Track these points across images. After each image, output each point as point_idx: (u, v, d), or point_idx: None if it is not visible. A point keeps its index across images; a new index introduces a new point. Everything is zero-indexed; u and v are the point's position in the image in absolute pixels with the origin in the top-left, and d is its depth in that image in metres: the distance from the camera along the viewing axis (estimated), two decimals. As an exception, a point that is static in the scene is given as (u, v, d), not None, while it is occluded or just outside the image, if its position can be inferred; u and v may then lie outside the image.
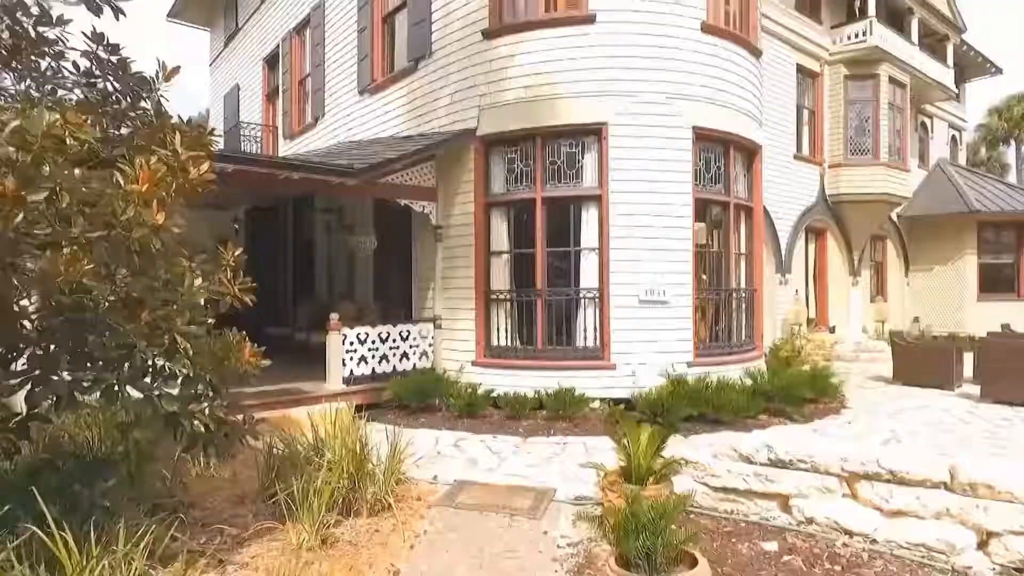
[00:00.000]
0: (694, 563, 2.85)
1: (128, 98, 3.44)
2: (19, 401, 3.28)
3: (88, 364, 2.97)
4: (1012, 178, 36.61)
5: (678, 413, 6.61)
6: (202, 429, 3.21)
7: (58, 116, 2.38)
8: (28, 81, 3.51)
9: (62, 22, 3.62)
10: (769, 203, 12.76)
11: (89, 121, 2.52)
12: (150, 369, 3.03)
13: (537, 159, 7.83)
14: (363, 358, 8.10)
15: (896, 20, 15.97)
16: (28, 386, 3.02)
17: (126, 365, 2.94)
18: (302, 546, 3.57)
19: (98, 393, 2.87)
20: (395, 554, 3.73)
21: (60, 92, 3.68)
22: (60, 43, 3.59)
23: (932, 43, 17.73)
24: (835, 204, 14.89)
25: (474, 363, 8.11)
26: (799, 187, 14.00)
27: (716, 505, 4.38)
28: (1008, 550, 3.46)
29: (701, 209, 8.24)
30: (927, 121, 19.32)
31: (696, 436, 6.30)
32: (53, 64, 3.57)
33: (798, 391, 7.39)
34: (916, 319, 17.74)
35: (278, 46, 14.48)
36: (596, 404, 7.33)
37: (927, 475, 3.74)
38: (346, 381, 7.88)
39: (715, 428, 6.59)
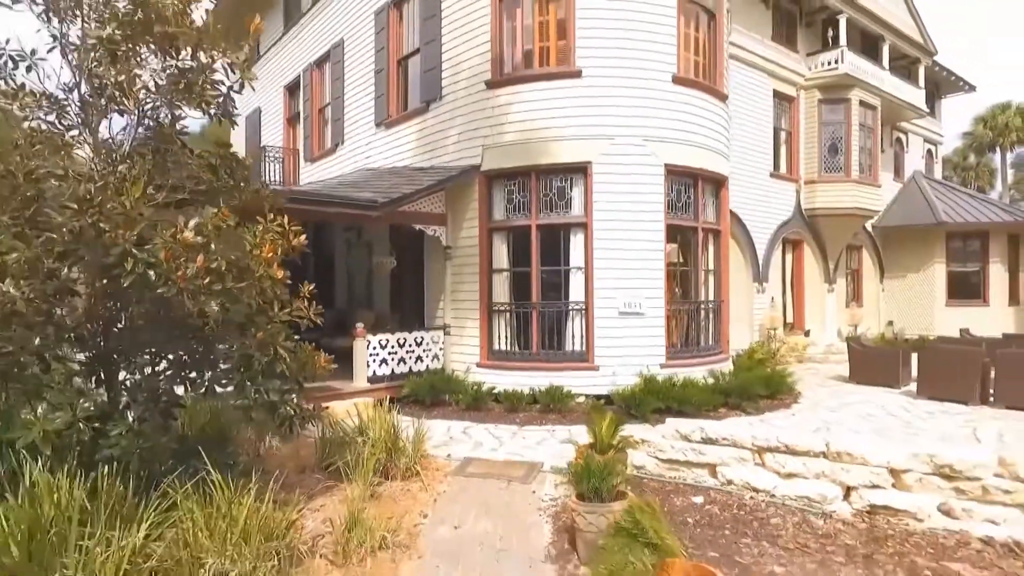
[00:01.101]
0: (625, 498, 4.25)
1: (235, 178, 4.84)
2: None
3: (218, 367, 4.38)
4: (998, 183, 37.89)
5: (648, 406, 7.97)
6: (291, 413, 4.61)
7: (217, 210, 3.78)
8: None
9: (180, 119, 5.05)
10: (747, 218, 14.16)
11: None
12: (260, 371, 4.43)
13: (532, 191, 9.22)
14: (384, 360, 9.49)
15: (869, 45, 17.26)
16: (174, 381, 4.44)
17: (244, 369, 4.35)
18: (357, 498, 4.95)
19: (231, 387, 4.28)
20: (424, 505, 5.14)
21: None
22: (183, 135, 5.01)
23: (906, 65, 19.03)
24: (811, 217, 16.21)
25: (478, 365, 9.50)
26: (776, 202, 15.31)
27: (664, 473, 5.77)
28: (862, 499, 4.84)
29: (673, 233, 9.62)
30: (902, 137, 20.61)
31: (662, 425, 7.60)
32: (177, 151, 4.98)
33: (753, 389, 8.74)
34: (890, 323, 19.05)
35: (299, 76, 15.85)
36: (581, 399, 8.71)
37: (810, 447, 5.12)
38: (370, 380, 9.28)
39: (680, 419, 7.91)
